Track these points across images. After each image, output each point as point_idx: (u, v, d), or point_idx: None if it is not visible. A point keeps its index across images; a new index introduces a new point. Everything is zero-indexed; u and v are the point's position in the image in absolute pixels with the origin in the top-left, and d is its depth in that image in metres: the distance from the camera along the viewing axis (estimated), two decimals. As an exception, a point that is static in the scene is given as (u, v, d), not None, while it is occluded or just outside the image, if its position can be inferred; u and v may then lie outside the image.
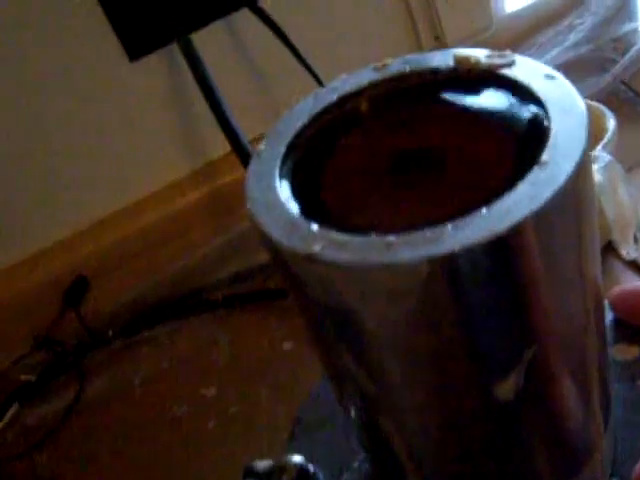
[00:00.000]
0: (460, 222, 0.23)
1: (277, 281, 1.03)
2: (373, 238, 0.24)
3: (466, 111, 0.29)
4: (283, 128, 0.29)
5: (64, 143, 1.00)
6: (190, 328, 1.05)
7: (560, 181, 0.24)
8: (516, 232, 0.23)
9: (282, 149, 0.29)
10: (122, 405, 0.98)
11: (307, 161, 0.29)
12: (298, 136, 0.29)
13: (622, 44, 1.12)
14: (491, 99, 0.29)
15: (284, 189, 0.27)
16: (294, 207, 0.26)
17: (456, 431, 0.30)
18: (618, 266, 0.88)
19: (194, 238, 1.07)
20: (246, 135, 0.94)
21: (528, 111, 0.27)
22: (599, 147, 0.84)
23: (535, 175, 0.24)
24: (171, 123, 1.05)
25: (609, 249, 0.88)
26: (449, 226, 0.23)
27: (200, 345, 1.02)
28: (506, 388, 0.27)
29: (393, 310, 0.24)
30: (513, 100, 0.28)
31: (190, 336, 1.04)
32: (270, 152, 0.29)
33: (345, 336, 0.27)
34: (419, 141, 0.28)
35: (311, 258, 0.24)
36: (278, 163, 0.28)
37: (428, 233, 0.23)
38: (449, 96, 0.30)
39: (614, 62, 1.10)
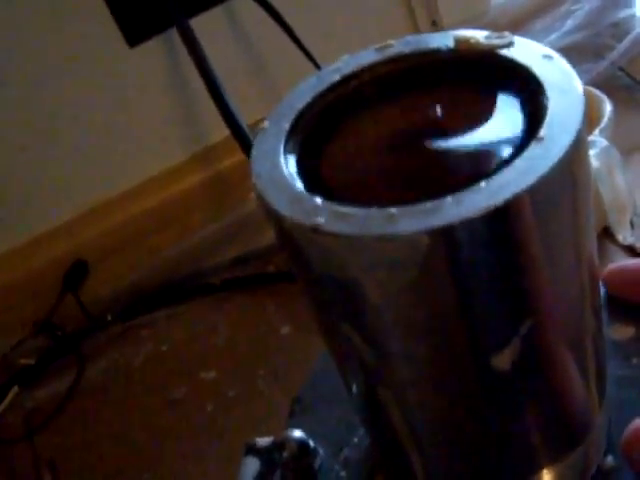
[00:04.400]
0: (459, 195, 0.24)
1: (276, 265, 1.03)
2: (375, 210, 0.24)
3: (466, 90, 0.30)
4: (287, 106, 0.30)
5: (64, 129, 1.01)
6: (189, 312, 1.05)
7: (556, 156, 0.24)
8: (513, 205, 0.24)
9: (287, 126, 0.29)
10: (121, 388, 0.99)
11: (311, 138, 0.29)
12: (302, 114, 0.30)
13: (619, 30, 1.12)
14: (490, 79, 0.29)
15: (289, 165, 0.28)
16: (298, 182, 0.27)
17: (454, 404, 0.30)
18: (615, 251, 0.88)
19: (193, 222, 1.08)
20: (245, 120, 0.95)
21: (526, 90, 0.28)
22: (596, 132, 0.84)
23: (532, 150, 0.25)
24: (171, 108, 1.06)
25: (606, 234, 0.88)
26: (449, 198, 0.24)
27: (199, 329, 1.03)
28: (502, 360, 0.28)
29: (394, 280, 0.25)
30: (512, 79, 0.29)
31: (189, 320, 1.04)
32: (275, 129, 0.29)
33: (347, 307, 0.27)
34: (420, 119, 0.29)
35: (315, 230, 0.24)
36: (283, 139, 0.29)
37: (428, 205, 0.24)
38: (449, 76, 0.31)
39: (611, 48, 1.10)
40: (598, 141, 0.83)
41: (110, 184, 1.06)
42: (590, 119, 0.88)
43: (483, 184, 0.24)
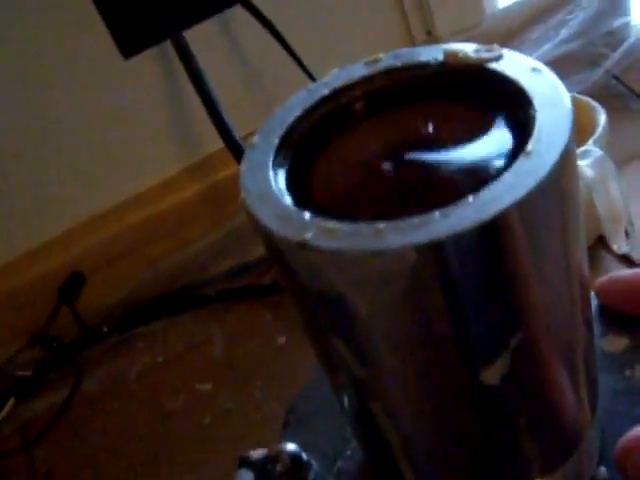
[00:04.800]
0: (447, 210, 0.24)
1: (271, 276, 1.03)
2: (362, 225, 0.24)
3: (455, 104, 0.30)
4: (277, 121, 0.30)
5: (59, 140, 1.00)
6: (185, 323, 1.05)
7: (544, 171, 0.24)
8: (501, 219, 0.24)
9: (276, 141, 0.29)
10: (117, 400, 0.99)
11: (300, 153, 0.29)
12: (291, 129, 0.30)
13: (614, 39, 1.12)
14: (479, 92, 0.30)
15: (277, 180, 0.28)
16: (287, 197, 0.27)
17: (444, 417, 0.30)
18: (610, 260, 0.88)
19: (189, 234, 1.08)
20: (239, 131, 0.95)
21: (514, 103, 0.28)
22: (590, 142, 0.84)
23: (520, 165, 0.25)
24: (166, 119, 1.06)
25: (601, 243, 0.88)
26: (437, 213, 0.24)
27: (195, 340, 1.02)
28: (492, 373, 0.28)
29: (382, 295, 0.25)
30: (500, 93, 0.29)
31: (185, 331, 1.04)
32: (264, 144, 0.29)
33: (336, 322, 0.27)
34: (409, 133, 0.29)
35: (303, 245, 0.24)
36: (272, 154, 0.29)
37: (416, 220, 0.24)
38: (438, 89, 0.31)
39: (606, 57, 1.10)
40: (592, 150, 0.83)
41: (106, 196, 1.06)
42: (584, 128, 0.88)
43: (471, 199, 0.24)
